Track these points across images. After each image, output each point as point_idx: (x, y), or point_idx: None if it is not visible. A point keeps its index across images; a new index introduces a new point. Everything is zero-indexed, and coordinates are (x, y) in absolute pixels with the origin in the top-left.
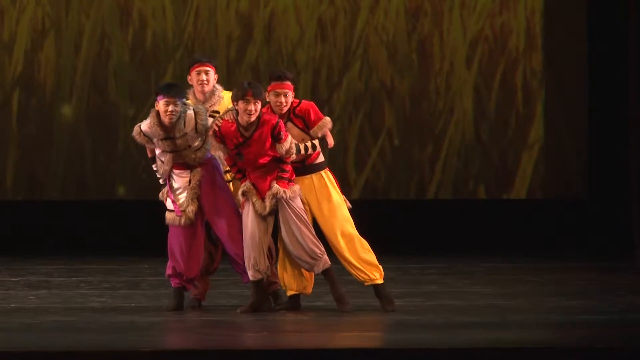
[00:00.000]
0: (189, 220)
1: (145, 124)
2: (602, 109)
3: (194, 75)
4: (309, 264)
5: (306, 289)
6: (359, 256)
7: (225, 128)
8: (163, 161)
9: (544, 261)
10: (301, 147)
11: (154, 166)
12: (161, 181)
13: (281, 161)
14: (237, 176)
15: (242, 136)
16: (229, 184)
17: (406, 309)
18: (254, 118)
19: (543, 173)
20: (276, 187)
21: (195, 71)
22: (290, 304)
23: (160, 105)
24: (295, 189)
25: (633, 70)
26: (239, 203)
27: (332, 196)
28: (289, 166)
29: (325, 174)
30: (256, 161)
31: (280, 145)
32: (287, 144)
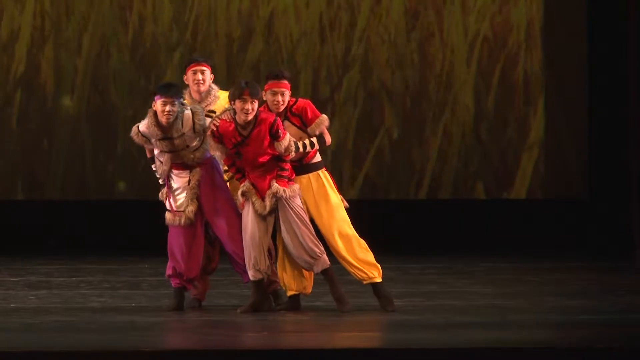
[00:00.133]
0: (188, 220)
1: (143, 124)
2: (602, 109)
3: (190, 74)
4: (308, 263)
5: (306, 289)
6: (356, 256)
7: (223, 128)
8: (162, 161)
9: (544, 261)
10: (300, 145)
11: (153, 166)
12: (160, 181)
13: (280, 159)
14: (236, 176)
15: (241, 135)
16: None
17: (406, 309)
18: (251, 117)
19: (543, 173)
20: (276, 186)
21: (191, 71)
22: (290, 304)
23: (157, 105)
24: (295, 188)
25: (633, 70)
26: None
27: (329, 196)
28: (288, 164)
29: (323, 174)
30: (255, 160)
31: (279, 143)
32: (285, 142)
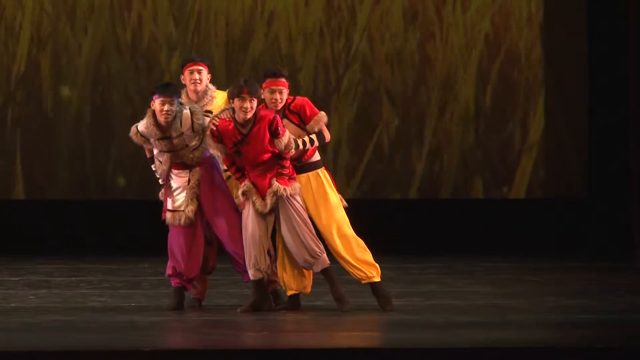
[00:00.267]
0: (188, 220)
1: (141, 124)
2: (602, 109)
3: (186, 74)
4: (308, 262)
5: (306, 288)
6: (355, 255)
7: (223, 127)
8: (161, 161)
9: (544, 261)
10: (299, 142)
11: (152, 166)
12: (160, 181)
13: (280, 157)
14: (236, 176)
15: (240, 134)
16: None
17: (405, 308)
18: (249, 115)
19: (543, 173)
20: (277, 184)
21: (188, 70)
22: (290, 303)
23: (156, 104)
24: (296, 186)
25: (633, 70)
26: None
27: (329, 196)
28: (288, 162)
29: (322, 173)
30: (256, 158)
31: (279, 140)
32: (285, 139)
